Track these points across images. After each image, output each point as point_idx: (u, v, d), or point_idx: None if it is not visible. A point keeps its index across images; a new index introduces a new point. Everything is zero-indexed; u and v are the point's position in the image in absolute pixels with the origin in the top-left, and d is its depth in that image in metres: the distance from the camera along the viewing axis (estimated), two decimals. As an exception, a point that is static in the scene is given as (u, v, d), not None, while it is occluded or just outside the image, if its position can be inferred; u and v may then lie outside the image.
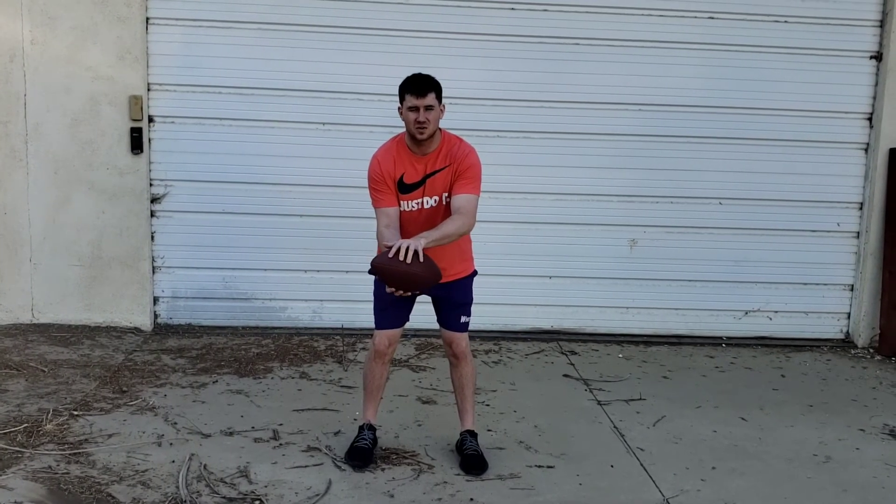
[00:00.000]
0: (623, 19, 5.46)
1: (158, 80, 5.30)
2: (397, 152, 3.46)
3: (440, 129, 3.45)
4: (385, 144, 3.52)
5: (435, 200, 3.45)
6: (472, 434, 3.71)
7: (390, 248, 3.16)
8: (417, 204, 3.45)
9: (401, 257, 3.11)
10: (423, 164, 3.43)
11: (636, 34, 5.48)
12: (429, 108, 3.33)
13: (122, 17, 5.14)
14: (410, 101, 3.33)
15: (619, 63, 5.51)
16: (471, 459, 3.59)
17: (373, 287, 3.62)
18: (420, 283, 3.21)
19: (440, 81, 3.43)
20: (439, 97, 3.40)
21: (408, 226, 3.46)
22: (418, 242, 3.15)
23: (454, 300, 3.60)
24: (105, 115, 5.20)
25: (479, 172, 3.46)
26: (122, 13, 5.13)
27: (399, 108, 3.41)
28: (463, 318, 3.62)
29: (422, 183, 3.43)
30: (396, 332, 3.62)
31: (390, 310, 3.58)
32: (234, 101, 5.35)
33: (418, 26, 5.35)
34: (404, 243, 3.13)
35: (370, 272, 3.25)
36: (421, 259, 3.13)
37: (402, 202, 3.45)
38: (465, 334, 3.66)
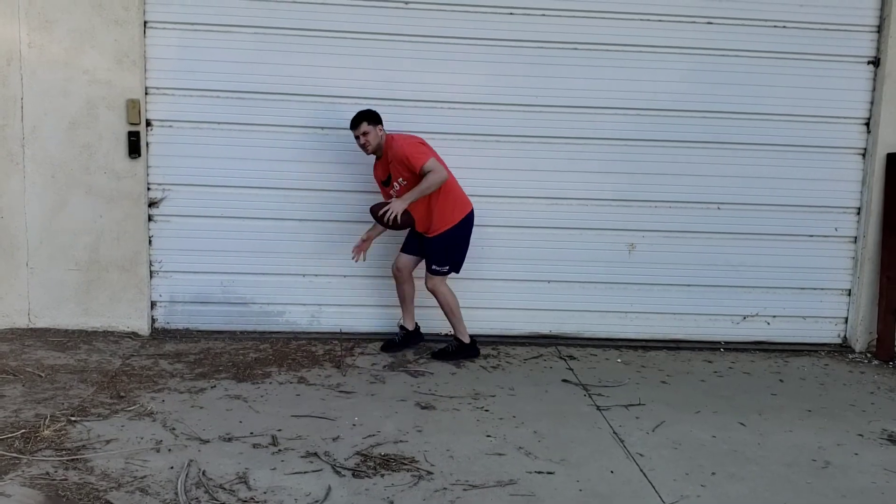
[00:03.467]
0: (621, 24, 5.47)
1: (156, 83, 5.29)
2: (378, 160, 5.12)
3: (386, 134, 4.97)
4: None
5: (399, 183, 4.97)
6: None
7: (386, 206, 4.90)
8: (394, 191, 5.03)
9: (387, 220, 4.89)
10: (383, 164, 5.05)
11: (635, 39, 5.49)
12: (364, 134, 4.90)
13: (119, 21, 5.13)
14: (352, 132, 4.97)
15: (617, 68, 5.51)
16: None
17: None
18: (396, 228, 4.99)
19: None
20: (372, 122, 4.91)
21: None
22: (401, 206, 4.86)
23: (429, 250, 5.11)
24: (102, 119, 5.19)
25: (410, 152, 4.85)
26: (120, 17, 5.12)
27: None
28: (433, 266, 5.07)
29: (389, 175, 5.03)
30: (405, 258, 5.26)
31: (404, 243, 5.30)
32: (232, 105, 5.34)
33: (417, 31, 5.35)
34: (392, 213, 4.86)
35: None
36: (399, 219, 4.89)
37: (389, 191, 5.09)
38: (436, 277, 5.10)
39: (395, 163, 4.90)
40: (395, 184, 4.98)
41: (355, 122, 4.92)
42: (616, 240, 5.70)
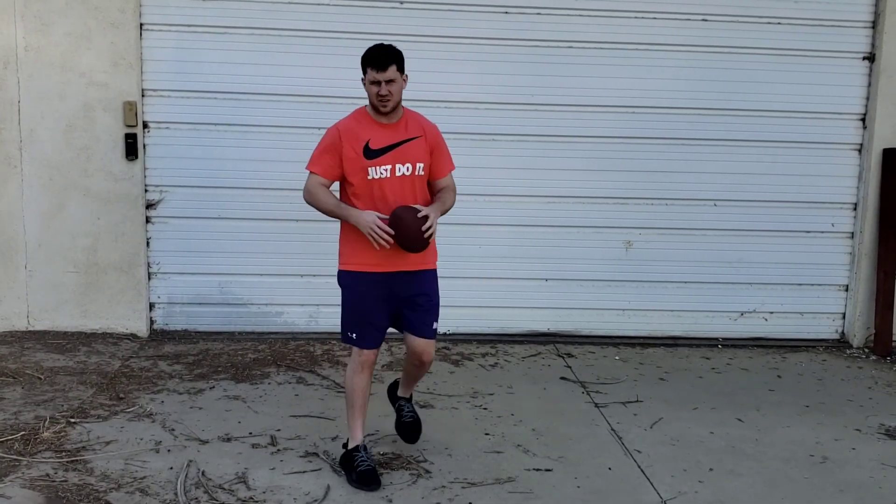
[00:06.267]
0: (616, 22, 5.47)
1: (153, 85, 5.29)
2: (361, 121, 3.44)
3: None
4: (348, 116, 3.51)
5: (408, 168, 3.40)
6: (410, 399, 3.86)
7: (417, 209, 3.32)
8: (386, 171, 3.37)
9: (426, 232, 3.30)
10: (390, 131, 3.41)
11: (629, 37, 5.50)
12: (390, 81, 3.32)
13: (115, 23, 5.13)
14: (372, 75, 3.34)
15: (612, 66, 5.52)
16: (410, 427, 3.74)
17: (346, 299, 3.53)
18: (413, 249, 3.35)
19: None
20: (401, 68, 3.38)
21: (380, 192, 3.38)
22: (437, 215, 3.38)
23: (424, 299, 3.49)
24: (99, 122, 5.20)
25: (446, 144, 3.60)
26: (116, 19, 5.13)
27: (362, 80, 3.41)
28: (435, 325, 3.54)
29: (390, 149, 3.39)
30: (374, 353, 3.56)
31: (371, 327, 3.47)
32: (228, 106, 5.35)
33: (412, 30, 5.35)
34: (433, 216, 3.33)
35: (390, 220, 3.31)
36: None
37: (369, 168, 3.36)
38: (434, 341, 3.57)
39: (425, 139, 3.46)
40: (399, 165, 3.38)
41: (383, 61, 3.32)
42: (613, 237, 5.71)
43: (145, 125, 5.31)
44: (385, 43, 3.41)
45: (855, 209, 5.79)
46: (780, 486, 3.61)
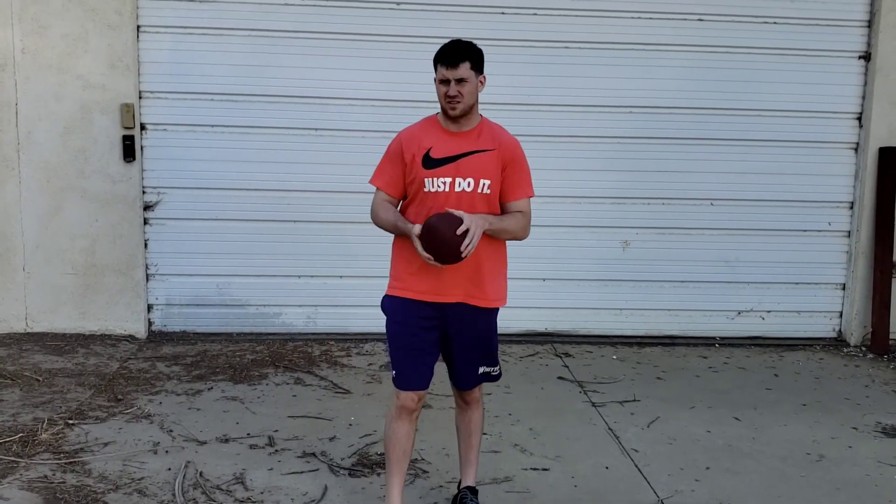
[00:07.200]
0: (612, 22, 5.48)
1: (150, 87, 5.30)
2: (427, 127, 3.04)
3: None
4: (416, 122, 3.11)
5: (469, 184, 2.94)
6: (473, 491, 3.20)
7: (453, 214, 2.82)
8: (444, 184, 2.93)
9: (464, 244, 2.77)
10: (457, 140, 2.99)
11: (625, 37, 5.51)
12: (461, 80, 2.92)
13: (112, 25, 5.14)
14: (441, 72, 2.94)
15: (609, 66, 5.53)
16: None
17: (386, 329, 3.08)
18: (451, 259, 2.84)
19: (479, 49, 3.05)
20: (477, 67, 2.98)
21: (436, 210, 2.92)
22: (483, 225, 2.84)
23: (479, 352, 3.09)
24: (97, 123, 5.20)
25: (528, 165, 3.12)
26: (113, 21, 5.14)
27: (434, 80, 3.00)
28: (482, 369, 3.09)
29: (453, 160, 2.95)
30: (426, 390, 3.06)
31: (412, 364, 2.99)
32: (225, 107, 5.35)
33: (408, 31, 5.36)
34: (475, 228, 2.79)
35: (421, 230, 2.84)
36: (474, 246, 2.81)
37: (425, 180, 2.94)
38: (479, 388, 3.15)
39: (497, 154, 3.03)
40: (460, 179, 2.94)
41: (453, 57, 2.93)
42: (610, 237, 5.72)
43: (143, 127, 5.32)
44: (463, 39, 3.02)
45: (851, 208, 5.81)
46: (777, 484, 3.62)
